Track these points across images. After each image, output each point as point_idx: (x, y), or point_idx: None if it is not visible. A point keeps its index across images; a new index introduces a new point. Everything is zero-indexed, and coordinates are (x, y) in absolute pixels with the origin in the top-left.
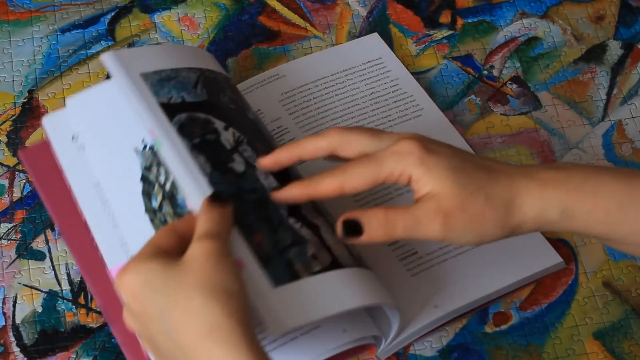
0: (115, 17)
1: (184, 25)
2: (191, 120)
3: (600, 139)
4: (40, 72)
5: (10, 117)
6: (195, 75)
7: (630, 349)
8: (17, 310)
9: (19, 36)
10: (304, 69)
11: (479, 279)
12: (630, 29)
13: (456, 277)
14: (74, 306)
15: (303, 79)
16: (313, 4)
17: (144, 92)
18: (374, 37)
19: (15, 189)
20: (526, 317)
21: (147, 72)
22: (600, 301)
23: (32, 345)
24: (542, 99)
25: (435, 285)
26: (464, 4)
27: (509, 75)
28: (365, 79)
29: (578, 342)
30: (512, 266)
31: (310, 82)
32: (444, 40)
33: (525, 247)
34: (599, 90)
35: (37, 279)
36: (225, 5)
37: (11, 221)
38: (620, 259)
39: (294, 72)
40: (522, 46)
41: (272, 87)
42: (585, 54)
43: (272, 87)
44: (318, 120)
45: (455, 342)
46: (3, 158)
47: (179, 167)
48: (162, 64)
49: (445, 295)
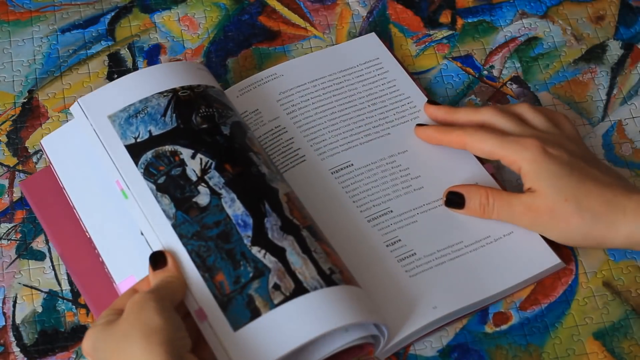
0: (115, 17)
1: (184, 25)
2: (157, 157)
3: (600, 139)
4: (40, 72)
5: (10, 117)
6: (166, 100)
7: (630, 349)
8: (17, 310)
9: (19, 36)
10: (302, 69)
11: (478, 282)
12: (630, 29)
13: (455, 279)
14: (74, 306)
15: (301, 79)
16: (313, 4)
17: (110, 139)
18: (372, 37)
19: (15, 189)
20: (526, 317)
21: (114, 112)
22: (600, 301)
23: (32, 345)
24: (542, 99)
25: (434, 286)
26: (464, 4)
27: (509, 75)
28: (362, 79)
29: (578, 342)
30: (511, 269)
31: (308, 82)
32: (444, 40)
33: (523, 249)
34: (599, 91)
35: (37, 279)
36: (225, 5)
37: (11, 221)
38: (620, 259)
39: (292, 72)
40: (522, 46)
41: (269, 87)
42: (585, 54)
43: (270, 86)
44: (316, 120)
45: (455, 342)
46: (3, 158)
47: (142, 221)
48: (131, 97)
49: (444, 297)
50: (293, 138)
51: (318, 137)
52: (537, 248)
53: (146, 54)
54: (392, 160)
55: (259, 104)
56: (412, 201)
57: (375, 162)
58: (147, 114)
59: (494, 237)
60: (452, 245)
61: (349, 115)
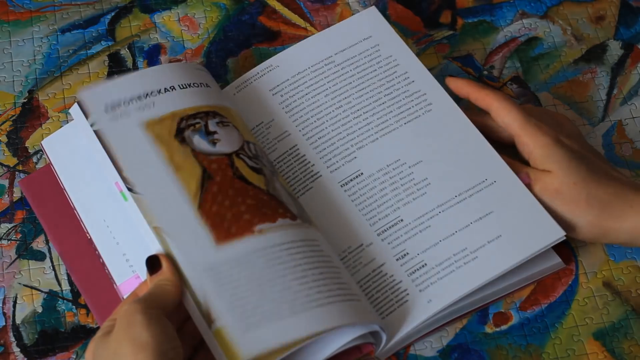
0: (116, 17)
1: (184, 25)
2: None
3: (601, 139)
4: (40, 72)
5: (10, 117)
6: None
7: (630, 349)
8: (17, 311)
9: (19, 36)
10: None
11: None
12: (631, 29)
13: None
14: (74, 306)
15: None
16: (313, 4)
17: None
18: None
19: (15, 189)
20: (526, 317)
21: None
22: (600, 301)
23: (32, 345)
24: (542, 99)
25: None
26: (464, 4)
27: (509, 75)
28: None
29: (578, 343)
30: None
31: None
32: (444, 41)
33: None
34: (599, 91)
35: (37, 279)
36: (226, 5)
37: (11, 221)
38: (621, 259)
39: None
40: (523, 46)
41: (263, 82)
42: (585, 54)
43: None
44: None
45: (456, 343)
46: (3, 158)
47: (141, 224)
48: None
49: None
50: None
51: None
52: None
53: (146, 54)
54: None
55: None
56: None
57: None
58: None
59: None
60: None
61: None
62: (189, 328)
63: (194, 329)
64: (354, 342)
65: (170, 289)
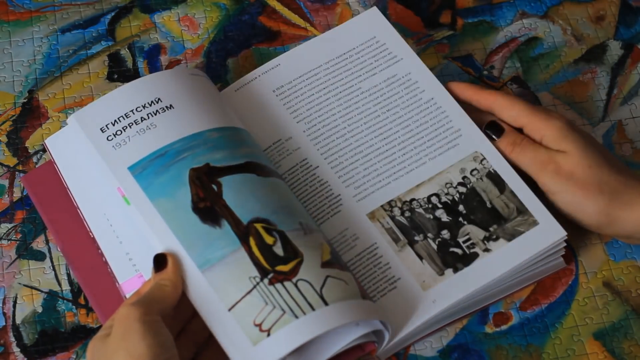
0: (115, 17)
1: (184, 25)
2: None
3: (601, 139)
4: (40, 72)
5: (10, 117)
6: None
7: (630, 349)
8: (17, 311)
9: (19, 36)
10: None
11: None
12: (631, 29)
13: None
14: (74, 306)
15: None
16: (313, 4)
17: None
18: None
19: (15, 189)
20: (526, 317)
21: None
22: (600, 301)
23: (32, 345)
24: (542, 99)
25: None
26: (464, 4)
27: (509, 75)
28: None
29: (578, 343)
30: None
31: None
32: (444, 41)
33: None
34: (599, 91)
35: (37, 279)
36: (226, 5)
37: (11, 221)
38: (621, 259)
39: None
40: (523, 46)
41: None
42: (585, 54)
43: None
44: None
45: (456, 343)
46: (3, 158)
47: (144, 228)
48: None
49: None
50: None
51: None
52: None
53: (146, 54)
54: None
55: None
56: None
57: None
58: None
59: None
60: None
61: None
62: (193, 328)
63: (198, 329)
64: (358, 341)
65: (169, 289)
